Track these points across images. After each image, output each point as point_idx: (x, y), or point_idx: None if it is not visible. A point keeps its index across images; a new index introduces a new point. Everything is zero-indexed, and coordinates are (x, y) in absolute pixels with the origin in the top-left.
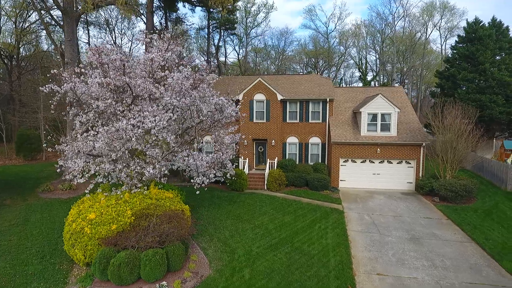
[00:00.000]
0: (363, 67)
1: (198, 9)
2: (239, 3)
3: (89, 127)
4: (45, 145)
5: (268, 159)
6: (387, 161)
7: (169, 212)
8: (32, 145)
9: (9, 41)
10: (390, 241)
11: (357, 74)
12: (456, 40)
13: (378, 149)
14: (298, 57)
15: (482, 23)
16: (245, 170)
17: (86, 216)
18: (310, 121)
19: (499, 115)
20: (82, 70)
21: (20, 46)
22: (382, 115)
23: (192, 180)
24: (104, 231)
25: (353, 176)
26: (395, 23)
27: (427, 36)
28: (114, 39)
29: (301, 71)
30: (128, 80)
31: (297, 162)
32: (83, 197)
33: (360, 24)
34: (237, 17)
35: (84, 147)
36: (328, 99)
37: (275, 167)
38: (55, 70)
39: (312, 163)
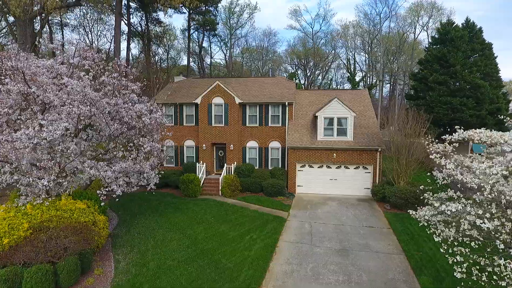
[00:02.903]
0: (352, 67)
1: (171, 10)
2: (222, 3)
3: None
4: None
5: (226, 164)
6: (344, 166)
7: (75, 224)
8: None
9: None
10: (317, 253)
11: (348, 74)
12: (429, 42)
13: (335, 154)
14: (289, 58)
15: (455, 24)
16: (201, 175)
17: None
18: (270, 125)
19: (469, 118)
20: None
21: None
22: (339, 119)
23: (98, 191)
24: None
25: (310, 181)
26: (382, 23)
27: (416, 37)
28: (91, 41)
29: (292, 70)
30: (23, 87)
31: (257, 167)
32: None
33: (348, 25)
34: (218, 18)
35: None
36: (287, 103)
37: (232, 172)
38: None
39: (271, 168)
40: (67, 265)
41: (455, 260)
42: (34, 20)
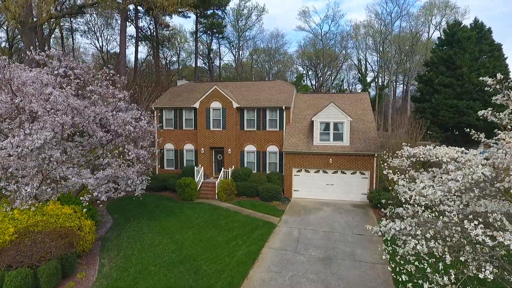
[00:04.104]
0: (363, 68)
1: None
2: (230, 5)
3: None
4: None
5: (223, 168)
6: (341, 171)
7: (60, 229)
8: None
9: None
10: (299, 261)
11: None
12: (436, 43)
13: (331, 159)
14: (301, 59)
15: (462, 25)
16: (198, 179)
17: None
18: (267, 129)
19: (476, 121)
20: None
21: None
22: (335, 124)
23: (81, 198)
24: None
25: (306, 186)
26: (393, 23)
27: (430, 36)
28: (101, 45)
29: (304, 72)
30: (7, 97)
31: (255, 171)
32: None
33: (359, 25)
34: (226, 20)
35: None
36: (284, 107)
37: (229, 176)
38: None
39: (269, 172)
40: (47, 269)
41: (400, 279)
42: (45, 27)
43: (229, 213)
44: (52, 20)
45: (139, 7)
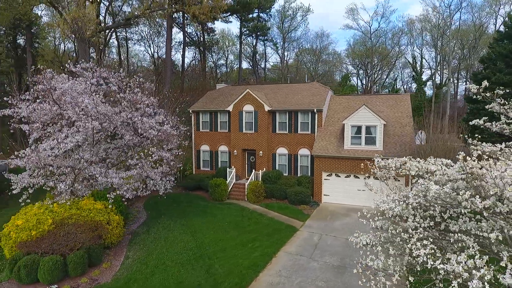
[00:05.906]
0: (418, 65)
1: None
2: (275, 7)
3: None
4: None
5: (254, 170)
6: (374, 176)
7: (90, 222)
8: None
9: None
10: (312, 267)
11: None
12: (494, 37)
13: (362, 164)
14: (351, 57)
15: None
16: (230, 180)
17: (15, 222)
18: (299, 132)
19: None
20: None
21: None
22: (367, 127)
23: (108, 195)
24: (24, 236)
25: (337, 191)
26: (452, 16)
27: (497, 28)
28: (152, 52)
29: (354, 71)
30: (47, 106)
31: (287, 174)
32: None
33: (414, 20)
34: (271, 22)
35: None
36: (315, 110)
37: (260, 179)
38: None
39: (300, 175)
40: (75, 258)
41: None
42: (101, 37)
43: (254, 214)
44: (106, 31)
45: (186, 15)
